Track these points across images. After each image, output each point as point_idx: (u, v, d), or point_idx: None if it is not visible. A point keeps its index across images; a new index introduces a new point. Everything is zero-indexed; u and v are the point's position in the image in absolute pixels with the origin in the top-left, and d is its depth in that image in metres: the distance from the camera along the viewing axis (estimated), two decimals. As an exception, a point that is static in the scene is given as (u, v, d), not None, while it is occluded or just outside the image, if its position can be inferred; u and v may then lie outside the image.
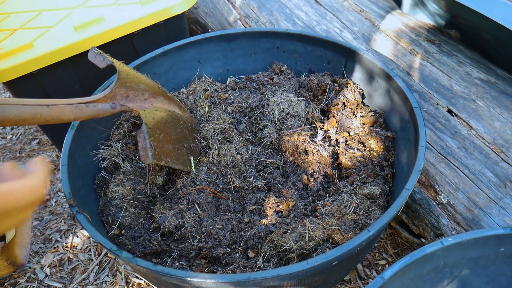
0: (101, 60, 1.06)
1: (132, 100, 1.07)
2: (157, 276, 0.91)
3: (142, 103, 1.10)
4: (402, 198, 0.96)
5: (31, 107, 0.88)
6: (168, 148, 1.11)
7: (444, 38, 1.56)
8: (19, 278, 1.56)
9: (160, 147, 1.07)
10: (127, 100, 1.06)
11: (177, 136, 1.17)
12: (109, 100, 1.02)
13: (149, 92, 1.12)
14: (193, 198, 1.15)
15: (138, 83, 1.09)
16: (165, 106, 1.17)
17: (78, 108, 0.96)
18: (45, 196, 0.63)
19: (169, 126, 1.14)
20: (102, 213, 1.18)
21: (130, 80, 1.07)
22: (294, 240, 1.02)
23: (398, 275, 0.83)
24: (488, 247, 0.89)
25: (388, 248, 1.53)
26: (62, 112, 0.93)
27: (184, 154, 1.19)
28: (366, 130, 1.33)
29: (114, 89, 1.03)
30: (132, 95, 1.07)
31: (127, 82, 1.05)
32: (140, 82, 1.10)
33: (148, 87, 1.12)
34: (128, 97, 1.06)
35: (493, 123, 1.25)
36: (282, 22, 1.80)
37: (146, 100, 1.11)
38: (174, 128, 1.16)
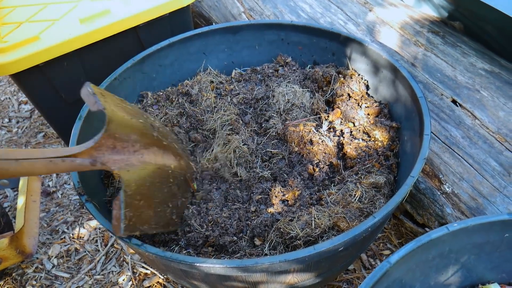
0: (93, 103, 0.93)
1: (119, 152, 0.94)
2: (166, 262, 0.92)
3: (131, 155, 0.97)
4: (407, 185, 0.97)
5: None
6: (148, 214, 1.00)
7: (448, 29, 1.56)
8: (27, 268, 1.58)
9: (138, 215, 0.96)
10: (113, 152, 0.94)
11: (163, 197, 1.06)
12: (92, 152, 0.91)
13: (140, 143, 1.00)
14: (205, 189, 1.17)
15: (129, 134, 0.97)
16: (157, 160, 1.05)
17: (52, 163, 0.87)
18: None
19: (154, 187, 1.02)
20: (110, 203, 1.19)
21: (121, 130, 0.95)
22: (300, 227, 1.03)
23: (404, 260, 0.84)
24: (493, 233, 0.90)
25: (392, 238, 1.54)
26: (32, 167, 0.85)
27: (167, 215, 1.08)
28: (371, 121, 1.34)
29: (100, 140, 0.91)
30: (120, 146, 0.95)
31: (116, 132, 0.94)
32: (132, 132, 0.98)
33: (141, 137, 1.01)
34: (115, 148, 0.94)
35: (497, 113, 1.26)
36: (286, 14, 1.80)
37: (135, 152, 0.98)
38: (160, 188, 1.05)
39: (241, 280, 0.96)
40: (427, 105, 1.14)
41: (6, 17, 1.68)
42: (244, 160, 1.27)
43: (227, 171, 1.24)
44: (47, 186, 1.88)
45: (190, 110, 1.36)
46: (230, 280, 0.97)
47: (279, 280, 0.98)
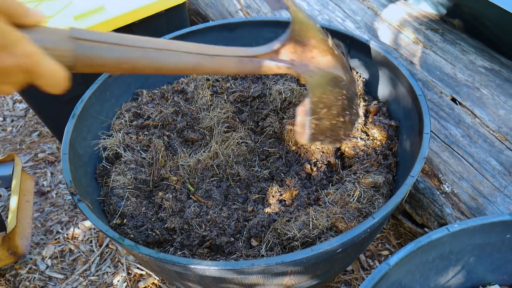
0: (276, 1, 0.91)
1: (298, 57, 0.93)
2: (160, 264, 0.90)
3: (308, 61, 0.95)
4: (406, 185, 0.95)
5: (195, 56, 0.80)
6: (325, 125, 0.99)
7: (447, 27, 1.54)
8: (20, 269, 1.56)
9: (319, 126, 0.96)
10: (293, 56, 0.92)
11: (338, 109, 1.03)
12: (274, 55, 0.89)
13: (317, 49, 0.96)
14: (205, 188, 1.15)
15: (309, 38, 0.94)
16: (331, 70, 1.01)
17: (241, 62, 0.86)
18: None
19: (333, 98, 1.01)
20: (103, 203, 1.17)
21: (303, 34, 0.92)
22: (298, 228, 1.01)
23: (404, 262, 0.82)
24: (494, 234, 0.89)
25: (391, 238, 1.52)
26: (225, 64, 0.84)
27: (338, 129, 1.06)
28: (369, 119, 1.31)
29: (284, 44, 0.89)
30: (299, 51, 0.92)
31: (299, 35, 0.91)
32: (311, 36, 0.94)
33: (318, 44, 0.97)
34: (295, 52, 0.92)
35: (497, 111, 1.24)
36: (283, 12, 1.78)
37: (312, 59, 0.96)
38: (337, 100, 1.03)
39: (237, 282, 0.94)
40: (426, 103, 1.12)
41: (-1, 14, 1.65)
42: (243, 158, 1.25)
43: (227, 169, 1.22)
44: (42, 186, 1.85)
45: (186, 108, 1.34)
46: (226, 282, 0.95)
47: (276, 282, 0.96)
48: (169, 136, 1.29)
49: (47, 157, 1.98)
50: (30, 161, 1.97)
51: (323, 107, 0.96)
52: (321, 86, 0.96)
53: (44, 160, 1.97)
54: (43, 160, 1.97)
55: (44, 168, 1.93)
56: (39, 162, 1.97)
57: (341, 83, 1.04)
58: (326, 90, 0.98)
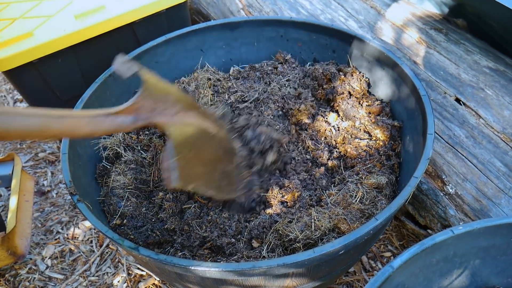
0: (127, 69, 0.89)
1: (159, 114, 0.91)
2: (160, 265, 0.89)
3: (171, 118, 0.94)
4: (410, 186, 0.94)
5: (39, 119, 0.75)
6: (198, 170, 0.96)
7: (451, 26, 1.53)
8: (20, 269, 1.55)
9: (189, 168, 0.92)
10: (154, 114, 0.90)
11: (209, 157, 1.02)
12: (132, 113, 0.87)
13: (180, 105, 0.96)
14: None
15: (167, 95, 0.94)
16: (197, 122, 1.01)
17: (95, 121, 0.82)
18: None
19: (200, 144, 0.99)
20: (103, 203, 1.16)
21: (158, 91, 0.92)
22: (300, 229, 1.00)
23: (407, 264, 0.80)
24: (499, 236, 0.87)
25: (394, 240, 1.51)
26: (75, 125, 0.80)
27: (217, 178, 1.04)
28: (372, 119, 1.30)
29: (139, 100, 0.87)
30: (159, 108, 0.91)
31: (154, 93, 0.90)
32: (169, 93, 0.95)
33: (179, 100, 0.97)
34: (155, 110, 0.90)
35: (502, 112, 1.22)
36: (286, 11, 1.77)
37: (176, 114, 0.95)
38: (206, 147, 1.02)
39: (238, 284, 0.93)
40: (430, 104, 1.10)
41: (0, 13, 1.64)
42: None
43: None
44: (42, 185, 1.84)
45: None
46: (227, 283, 0.94)
47: (277, 284, 0.95)
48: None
49: (48, 156, 1.97)
50: (30, 161, 1.96)
51: (189, 150, 0.93)
52: (185, 133, 0.94)
53: (45, 159, 1.96)
54: (43, 160, 1.96)
55: (45, 168, 1.92)
56: (39, 161, 1.96)
57: (210, 134, 1.03)
58: (191, 137, 0.95)
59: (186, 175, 0.90)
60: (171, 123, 0.92)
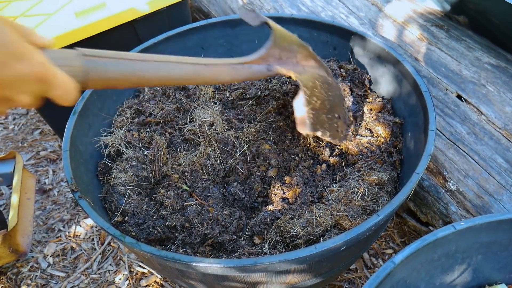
0: (254, 17, 0.99)
1: (284, 63, 0.99)
2: (162, 261, 0.89)
3: (294, 66, 1.02)
4: (412, 182, 0.94)
5: (192, 66, 0.86)
6: (323, 118, 1.05)
7: (452, 23, 1.52)
8: (22, 267, 1.55)
9: (317, 117, 1.02)
10: (280, 62, 0.99)
11: (330, 105, 1.10)
12: (263, 62, 0.95)
13: (301, 54, 1.04)
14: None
15: (291, 44, 1.01)
16: (316, 71, 1.08)
17: (234, 69, 0.91)
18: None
19: (324, 93, 1.06)
20: (105, 200, 1.16)
21: (284, 41, 0.99)
22: (301, 226, 1.00)
23: (409, 260, 0.81)
24: (501, 232, 0.87)
25: (395, 237, 1.51)
26: (219, 72, 0.90)
27: (334, 124, 1.12)
28: (374, 116, 1.30)
29: (269, 51, 0.95)
30: (284, 57, 0.99)
31: (281, 42, 0.98)
32: (293, 43, 1.02)
33: (300, 49, 1.04)
34: (281, 59, 0.98)
35: (504, 108, 1.22)
36: (286, 8, 1.77)
37: (297, 63, 1.03)
38: (327, 95, 1.08)
39: (240, 280, 0.93)
40: (432, 100, 1.10)
41: (1, 11, 1.64)
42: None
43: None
44: (43, 184, 1.84)
45: (187, 105, 1.33)
46: (228, 280, 0.94)
47: (279, 280, 0.95)
48: (171, 133, 1.27)
49: (49, 155, 1.97)
50: (32, 159, 1.96)
51: (316, 99, 1.02)
52: (311, 81, 1.02)
53: (46, 158, 1.96)
54: (44, 158, 1.96)
55: (46, 166, 1.93)
56: (40, 160, 1.96)
57: (328, 81, 1.11)
58: (316, 85, 1.03)
59: (315, 123, 1.02)
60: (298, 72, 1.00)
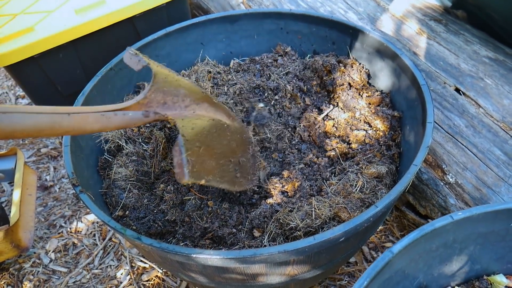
0: (136, 62, 0.91)
1: (170, 108, 0.92)
2: (162, 254, 0.89)
3: (182, 110, 0.94)
4: (410, 173, 0.94)
5: (48, 116, 0.75)
6: (210, 164, 0.96)
7: (451, 17, 1.53)
8: (24, 263, 1.56)
9: (200, 163, 0.92)
10: (164, 108, 0.91)
11: (222, 150, 1.02)
12: (142, 107, 0.88)
13: (190, 98, 0.97)
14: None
15: (177, 87, 0.94)
16: (209, 114, 1.01)
17: (104, 117, 0.82)
18: None
19: (213, 138, 0.99)
20: (105, 195, 1.17)
21: (169, 84, 0.92)
22: (300, 218, 1.01)
23: (407, 250, 0.81)
24: (498, 222, 0.88)
25: (395, 230, 1.51)
26: (85, 121, 0.80)
27: (230, 171, 1.03)
28: (372, 110, 1.31)
29: (149, 95, 0.88)
30: (170, 101, 0.92)
31: (164, 86, 0.91)
32: (180, 86, 0.95)
33: (190, 93, 0.98)
34: (165, 104, 0.91)
35: (501, 101, 1.23)
36: (285, 4, 1.77)
37: (187, 107, 0.95)
38: (219, 140, 1.01)
39: (240, 272, 0.94)
40: (430, 93, 1.11)
41: (1, 9, 1.65)
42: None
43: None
44: (45, 181, 1.85)
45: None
46: (228, 272, 0.94)
47: (279, 271, 0.96)
48: (170, 128, 1.28)
49: (50, 152, 1.98)
50: (33, 156, 1.97)
51: (200, 145, 0.92)
52: (195, 126, 0.93)
53: (47, 155, 1.97)
54: (45, 155, 1.97)
55: (47, 163, 1.93)
56: (41, 157, 1.97)
57: (223, 125, 1.03)
58: (202, 130, 0.95)
59: (198, 170, 0.90)
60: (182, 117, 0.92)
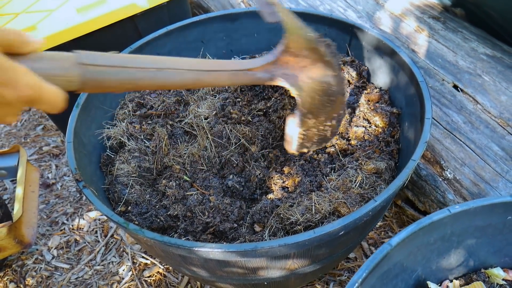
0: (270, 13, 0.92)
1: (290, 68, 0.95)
2: (165, 247, 0.91)
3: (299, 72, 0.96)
4: (408, 168, 0.96)
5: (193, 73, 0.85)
6: (313, 132, 1.02)
7: (449, 15, 1.54)
8: (27, 259, 1.58)
9: (307, 134, 1.00)
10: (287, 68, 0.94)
11: (326, 116, 1.05)
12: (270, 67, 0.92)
13: (309, 59, 0.97)
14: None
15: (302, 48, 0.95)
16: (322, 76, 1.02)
17: (235, 75, 0.90)
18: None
19: (322, 106, 1.02)
20: (108, 191, 1.18)
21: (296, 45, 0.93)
22: (301, 213, 1.02)
23: (405, 243, 0.83)
24: (495, 216, 0.89)
25: (394, 226, 1.53)
26: (220, 78, 0.88)
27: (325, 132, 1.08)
28: (371, 107, 1.32)
29: (278, 57, 0.91)
30: (292, 61, 0.95)
31: (292, 47, 0.93)
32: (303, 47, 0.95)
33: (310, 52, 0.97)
34: (287, 63, 0.94)
35: (499, 97, 1.24)
36: (285, 3, 1.78)
37: (304, 68, 0.97)
38: (325, 106, 1.04)
39: (241, 265, 0.95)
40: (428, 89, 1.12)
41: (2, 8, 1.67)
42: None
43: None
44: (47, 178, 1.87)
45: (188, 98, 1.35)
46: (230, 265, 0.96)
47: (279, 265, 0.97)
48: (172, 125, 1.30)
49: (52, 150, 2.00)
50: (34, 154, 1.98)
51: (312, 117, 0.98)
52: (311, 97, 0.98)
53: (49, 153, 1.99)
54: (47, 153, 1.99)
55: (49, 161, 1.95)
56: (43, 155, 1.98)
57: (330, 89, 1.05)
58: (315, 101, 0.99)
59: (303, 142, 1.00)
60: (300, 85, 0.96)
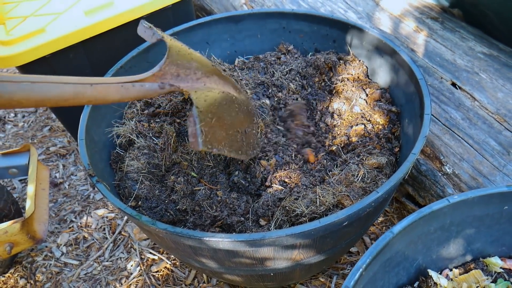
0: (151, 35, 0.97)
1: (183, 80, 0.96)
2: (176, 238, 0.95)
3: (194, 83, 0.98)
4: (408, 162, 1.00)
5: (73, 86, 0.80)
6: (221, 135, 1.01)
7: (447, 16, 1.59)
8: (36, 256, 1.61)
9: (212, 133, 0.97)
10: (178, 80, 0.95)
11: (232, 121, 1.06)
12: (157, 79, 0.93)
13: (202, 71, 1.01)
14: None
15: (190, 61, 0.98)
16: (218, 87, 1.06)
17: (123, 87, 0.88)
18: None
19: (223, 109, 1.03)
20: (118, 187, 1.22)
21: (182, 57, 0.96)
22: (306, 205, 1.06)
23: (407, 231, 0.87)
24: (493, 206, 0.93)
25: (395, 221, 1.57)
26: (106, 92, 0.85)
27: (238, 140, 1.09)
28: (372, 105, 1.36)
29: (164, 67, 0.93)
30: (183, 74, 0.97)
31: (178, 59, 0.95)
32: (192, 59, 0.99)
33: (201, 66, 1.02)
34: (178, 76, 0.96)
35: (496, 94, 1.28)
36: (287, 4, 1.83)
37: (198, 80, 1.00)
38: (228, 111, 1.06)
39: (249, 256, 0.99)
40: (427, 86, 1.16)
41: (11, 11, 1.70)
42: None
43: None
44: (55, 177, 1.91)
45: (195, 97, 1.39)
46: (238, 256, 1.00)
47: (286, 256, 1.01)
48: (179, 123, 1.34)
49: (59, 150, 2.04)
50: (42, 155, 2.02)
51: (212, 117, 0.97)
52: (208, 98, 0.98)
53: (56, 153, 2.03)
54: (54, 153, 2.03)
55: (56, 161, 1.99)
56: (51, 155, 2.02)
57: (232, 97, 1.08)
58: (214, 102, 1.00)
59: (211, 140, 0.96)
60: (195, 89, 0.97)
